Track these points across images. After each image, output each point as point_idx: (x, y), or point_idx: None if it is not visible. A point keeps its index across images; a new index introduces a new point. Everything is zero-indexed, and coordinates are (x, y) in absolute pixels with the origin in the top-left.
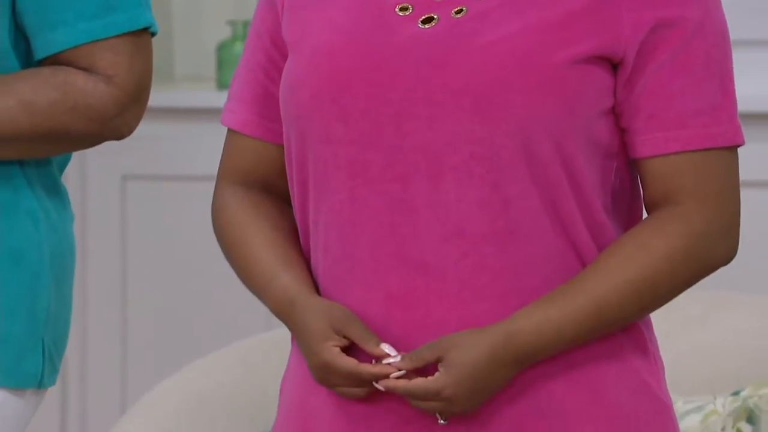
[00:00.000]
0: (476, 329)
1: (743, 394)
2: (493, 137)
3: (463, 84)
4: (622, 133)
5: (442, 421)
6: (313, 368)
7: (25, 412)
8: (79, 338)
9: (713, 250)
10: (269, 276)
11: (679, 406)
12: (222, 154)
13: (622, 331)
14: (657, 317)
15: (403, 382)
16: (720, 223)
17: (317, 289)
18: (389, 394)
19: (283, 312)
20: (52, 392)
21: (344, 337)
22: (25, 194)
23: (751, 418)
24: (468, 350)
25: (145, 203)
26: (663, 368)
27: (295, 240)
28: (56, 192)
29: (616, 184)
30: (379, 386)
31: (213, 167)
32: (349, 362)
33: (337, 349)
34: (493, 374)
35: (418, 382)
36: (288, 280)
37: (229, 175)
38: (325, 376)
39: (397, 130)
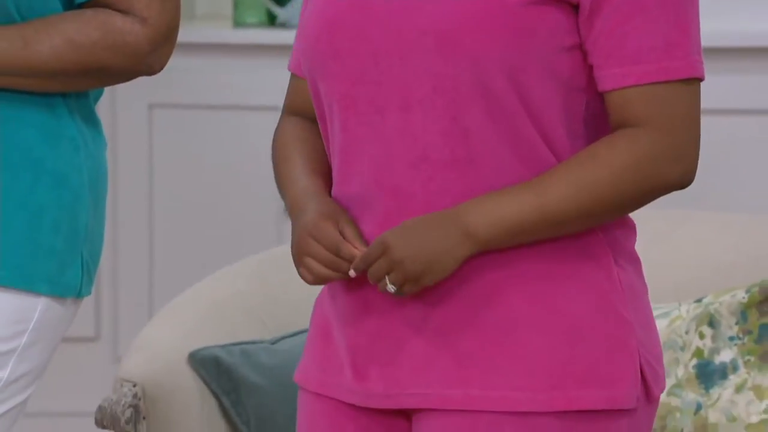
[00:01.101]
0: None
1: (705, 301)
2: (452, 73)
3: (427, 25)
4: (591, 68)
5: (391, 287)
6: (299, 231)
7: (65, 319)
8: (110, 252)
9: (661, 171)
10: (295, 179)
11: None
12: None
13: (587, 255)
14: None
15: (359, 252)
16: (669, 147)
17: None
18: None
19: (296, 207)
20: (87, 300)
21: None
22: (67, 123)
23: (711, 323)
24: (410, 219)
25: (170, 129)
26: (628, 290)
27: (327, 161)
28: (92, 121)
29: (589, 116)
30: (351, 272)
31: (229, 97)
32: (336, 233)
33: (330, 223)
34: (437, 230)
35: (369, 248)
36: (308, 183)
37: (286, 107)
38: (306, 241)
39: (376, 66)
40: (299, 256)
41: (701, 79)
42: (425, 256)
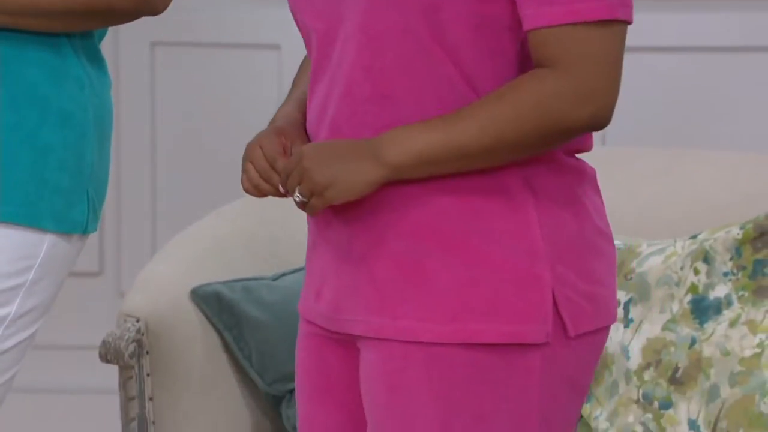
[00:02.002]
0: None
1: (700, 237)
2: (374, 11)
3: None
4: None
5: (298, 196)
6: (252, 140)
7: (71, 255)
8: (114, 188)
9: (563, 111)
10: (284, 102)
11: (643, 248)
12: None
13: (500, 192)
14: (625, 169)
15: (281, 161)
16: (575, 88)
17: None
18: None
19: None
20: (91, 235)
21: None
22: (72, 62)
23: (706, 258)
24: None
25: (172, 68)
26: (549, 228)
27: None
28: (97, 61)
29: (526, 57)
30: (280, 186)
31: (232, 35)
32: (278, 147)
33: (280, 138)
34: (349, 150)
35: (290, 158)
36: (289, 106)
37: None
38: (252, 149)
39: (330, 2)
40: (243, 162)
41: (625, 22)
42: (332, 170)
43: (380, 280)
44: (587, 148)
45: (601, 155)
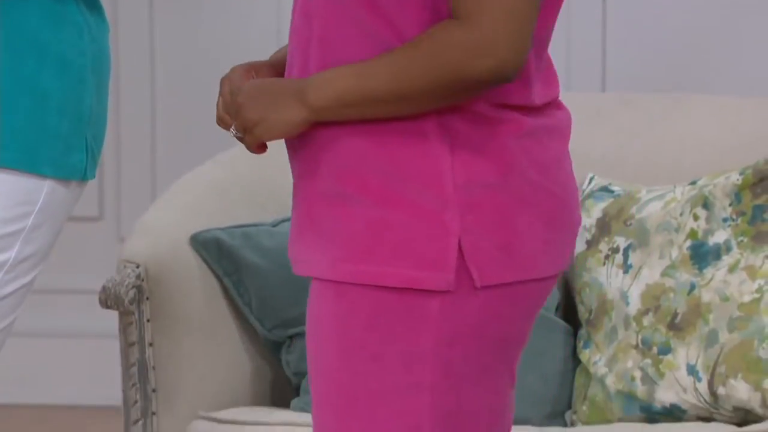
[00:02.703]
0: None
1: (699, 183)
2: None
3: None
4: None
5: (233, 130)
6: (225, 74)
7: (69, 201)
8: (114, 133)
9: (465, 63)
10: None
11: (642, 194)
12: None
13: (416, 139)
14: (624, 115)
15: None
16: (477, 40)
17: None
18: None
19: None
20: (91, 181)
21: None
22: (70, 9)
23: (705, 204)
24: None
25: (171, 12)
26: (463, 177)
27: None
28: (96, 7)
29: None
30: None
31: None
32: (244, 81)
33: (250, 73)
34: (278, 89)
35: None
36: (279, 52)
37: None
38: (222, 83)
39: None
40: (218, 95)
41: None
42: (261, 108)
43: (306, 220)
44: (517, 101)
45: (600, 101)
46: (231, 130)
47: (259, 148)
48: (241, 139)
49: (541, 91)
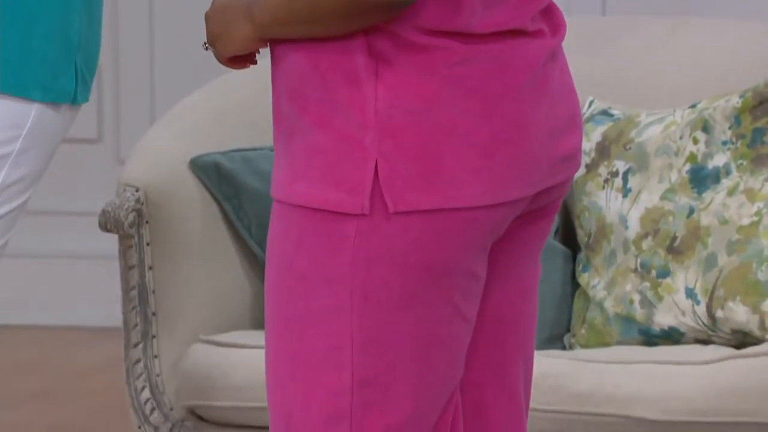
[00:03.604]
0: None
1: (699, 106)
2: None
3: None
4: None
5: (205, 44)
6: None
7: (60, 126)
8: (112, 56)
9: None
10: None
11: (642, 118)
12: None
13: (342, 59)
14: (624, 38)
15: None
16: None
17: None
18: None
19: None
20: (89, 103)
21: None
22: None
23: (705, 128)
24: None
25: None
26: (387, 99)
27: None
28: None
29: None
30: None
31: None
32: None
33: None
34: (234, 5)
35: None
36: None
37: None
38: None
39: None
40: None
41: None
42: (220, 22)
43: (276, 141)
44: (450, 27)
45: (600, 24)
46: (203, 43)
47: (231, 62)
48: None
49: (493, 18)
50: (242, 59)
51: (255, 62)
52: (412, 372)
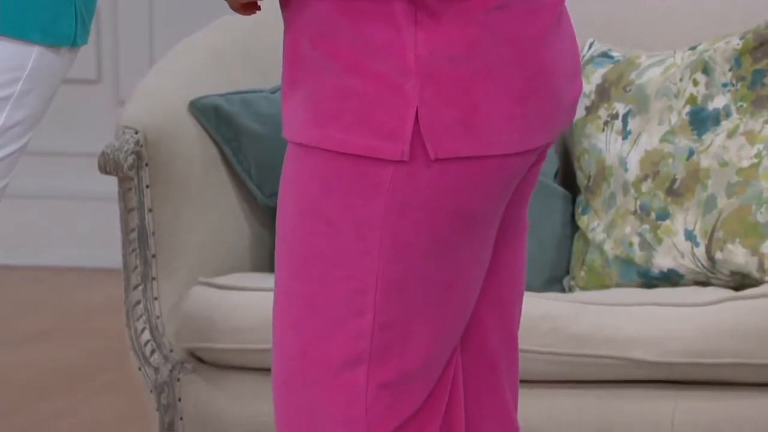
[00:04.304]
0: None
1: (699, 48)
2: None
3: None
4: None
5: None
6: None
7: (60, 68)
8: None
9: None
10: None
11: (642, 60)
12: None
13: (378, 8)
14: None
15: None
16: None
17: None
18: None
19: None
20: (89, 44)
21: None
22: None
23: (705, 69)
24: None
25: None
26: (428, 46)
27: None
28: None
29: None
30: None
31: None
32: None
33: None
34: None
35: None
36: None
37: None
38: None
39: None
40: None
41: None
42: None
43: (289, 82)
44: None
45: None
46: None
47: (244, 8)
48: None
49: None
50: (252, 5)
51: (259, 8)
52: (430, 316)
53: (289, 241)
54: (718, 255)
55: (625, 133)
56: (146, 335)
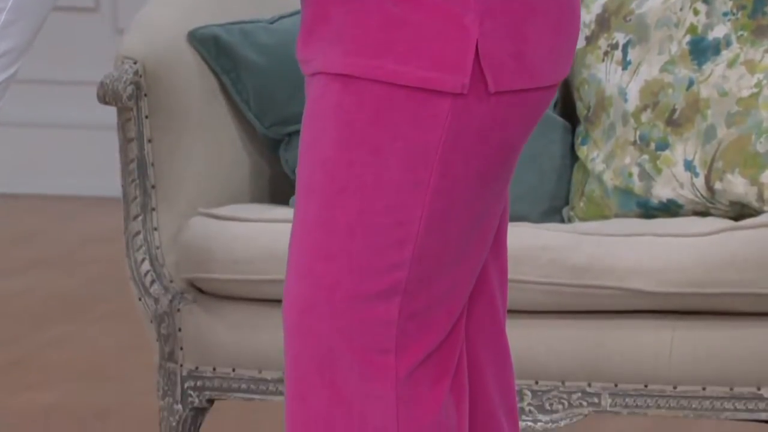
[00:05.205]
0: None
1: None
2: None
3: None
4: None
5: None
6: None
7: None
8: None
9: None
10: None
11: None
12: None
13: None
14: None
15: None
16: None
17: None
18: None
19: None
20: None
21: None
22: None
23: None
24: None
25: None
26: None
27: None
28: None
29: None
30: None
31: None
32: None
33: None
34: None
35: None
36: None
37: None
38: None
39: None
40: None
41: None
42: None
43: (319, 18)
44: None
45: None
46: None
47: None
48: None
49: None
50: None
51: None
52: (461, 247)
53: (326, 170)
54: (718, 185)
55: (624, 63)
56: (146, 266)
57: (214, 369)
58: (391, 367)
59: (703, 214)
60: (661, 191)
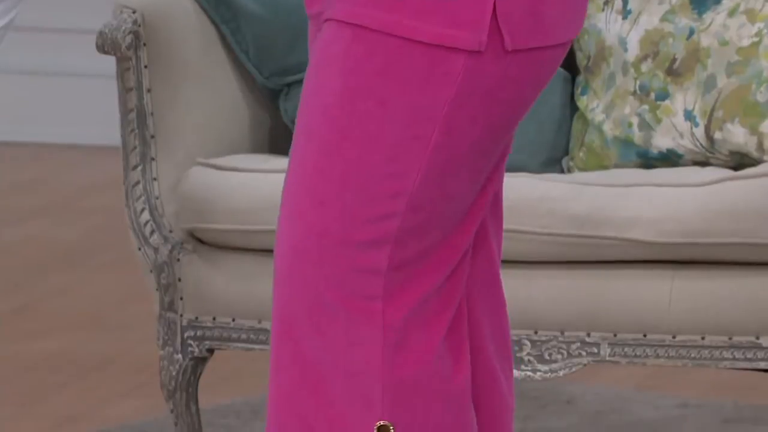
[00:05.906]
0: None
1: None
2: None
3: None
4: None
5: None
6: None
7: None
8: None
9: None
10: None
11: None
12: None
13: None
14: None
15: None
16: None
17: None
18: None
19: None
20: None
21: None
22: None
23: None
24: None
25: None
26: None
27: None
28: None
29: None
30: None
31: None
32: None
33: None
34: None
35: None
36: None
37: None
38: None
39: None
40: None
41: None
42: None
43: None
44: None
45: None
46: None
47: None
48: None
49: None
50: None
51: None
52: (456, 197)
53: (328, 117)
54: (717, 135)
55: (625, 13)
56: (145, 215)
57: (214, 319)
58: (378, 312)
59: (703, 164)
60: (661, 141)
